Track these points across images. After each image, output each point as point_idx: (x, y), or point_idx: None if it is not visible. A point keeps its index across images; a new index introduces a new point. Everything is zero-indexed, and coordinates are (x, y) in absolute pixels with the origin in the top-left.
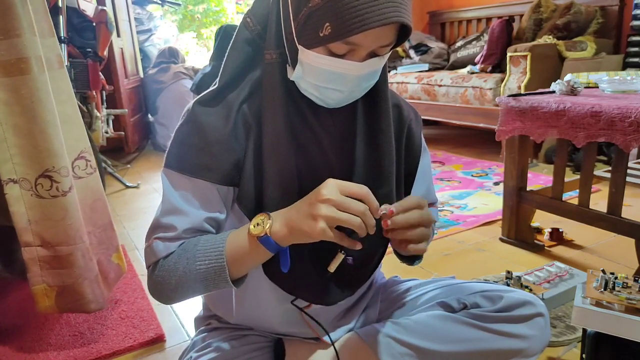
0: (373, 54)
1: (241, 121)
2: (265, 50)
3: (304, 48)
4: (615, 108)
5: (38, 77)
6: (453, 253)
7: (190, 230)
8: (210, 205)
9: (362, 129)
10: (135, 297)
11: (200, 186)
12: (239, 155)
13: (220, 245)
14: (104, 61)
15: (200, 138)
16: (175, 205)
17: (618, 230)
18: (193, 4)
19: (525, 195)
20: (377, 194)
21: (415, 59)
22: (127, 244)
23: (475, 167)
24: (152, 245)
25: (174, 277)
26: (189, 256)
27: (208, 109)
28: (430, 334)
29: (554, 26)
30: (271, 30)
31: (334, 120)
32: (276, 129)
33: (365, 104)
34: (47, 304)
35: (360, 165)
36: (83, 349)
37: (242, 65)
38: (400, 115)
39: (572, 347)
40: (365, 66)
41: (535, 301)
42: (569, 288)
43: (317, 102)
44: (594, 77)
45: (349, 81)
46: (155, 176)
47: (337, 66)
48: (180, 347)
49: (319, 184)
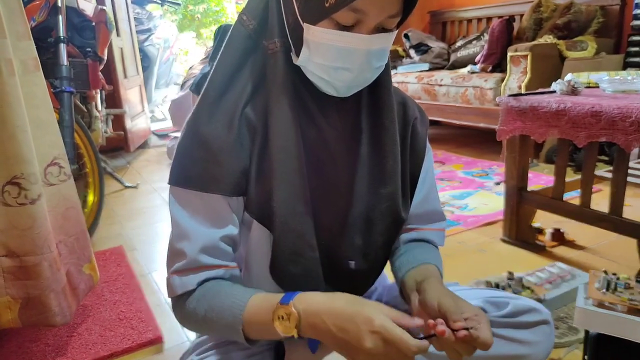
0: (381, 28)
1: (245, 126)
2: (268, 40)
3: (310, 25)
4: (616, 108)
5: (7, 80)
6: (454, 254)
7: (205, 252)
8: (222, 221)
9: (366, 125)
10: (134, 298)
11: (210, 201)
12: (245, 162)
13: (238, 311)
14: (104, 61)
15: (204, 150)
16: (184, 228)
17: (619, 230)
18: (193, 4)
19: (526, 195)
20: (381, 194)
21: (416, 58)
22: (126, 244)
23: (476, 167)
24: (170, 281)
25: (193, 320)
26: (206, 307)
27: (208, 117)
28: None
29: (554, 26)
30: (272, 19)
31: (340, 116)
32: (284, 127)
33: (369, 99)
34: (9, 318)
35: (364, 163)
36: (81, 350)
37: (238, 62)
38: (406, 113)
39: (573, 348)
40: (374, 40)
41: (541, 308)
42: (570, 289)
43: (325, 89)
44: (595, 76)
45: (358, 57)
46: (155, 176)
47: (346, 40)
48: (178, 349)
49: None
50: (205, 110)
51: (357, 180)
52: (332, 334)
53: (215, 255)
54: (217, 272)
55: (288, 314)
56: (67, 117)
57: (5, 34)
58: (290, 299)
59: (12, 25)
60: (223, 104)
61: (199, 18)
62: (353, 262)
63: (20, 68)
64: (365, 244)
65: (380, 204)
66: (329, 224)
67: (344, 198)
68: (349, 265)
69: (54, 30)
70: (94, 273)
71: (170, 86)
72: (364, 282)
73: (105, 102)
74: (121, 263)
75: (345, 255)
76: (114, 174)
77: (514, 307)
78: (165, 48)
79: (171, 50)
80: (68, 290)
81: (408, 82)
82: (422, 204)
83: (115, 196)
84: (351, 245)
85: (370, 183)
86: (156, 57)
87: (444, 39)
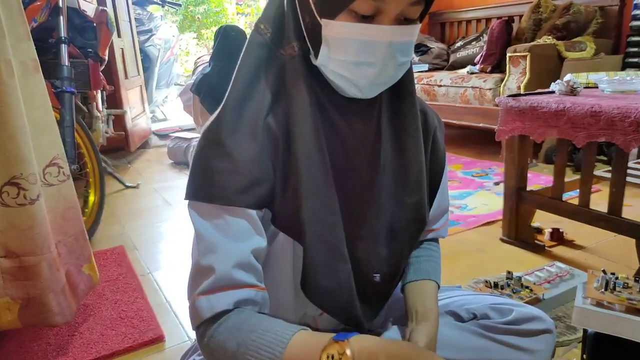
0: (404, 19)
1: (267, 136)
2: (286, 47)
3: (328, 20)
4: (615, 108)
5: (7, 81)
6: (453, 253)
7: (239, 267)
8: (250, 234)
9: (387, 131)
10: (135, 297)
11: (237, 214)
12: (270, 173)
13: (279, 349)
14: (105, 61)
15: (228, 160)
16: (211, 242)
17: (618, 230)
18: (193, 5)
19: (525, 195)
20: (406, 203)
21: (415, 59)
22: (127, 245)
23: (475, 167)
24: (196, 305)
25: (222, 354)
26: (239, 341)
27: (231, 128)
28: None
29: (553, 26)
30: (289, 23)
31: (362, 122)
32: (308, 133)
33: (392, 105)
34: (9, 319)
35: (387, 171)
36: (82, 349)
37: (256, 71)
38: (426, 121)
39: (572, 347)
40: (396, 31)
41: (544, 317)
42: (569, 288)
43: (347, 89)
44: (594, 77)
45: (380, 50)
46: (156, 176)
47: (366, 32)
48: (179, 348)
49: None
50: (228, 120)
51: (381, 189)
52: None
53: (249, 271)
54: (250, 293)
55: (341, 353)
56: (68, 117)
57: (5, 34)
58: (345, 337)
59: (12, 26)
60: (245, 114)
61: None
62: (378, 274)
63: (19, 69)
64: (390, 254)
65: (405, 213)
66: (353, 235)
67: (368, 208)
68: (374, 279)
69: (55, 30)
70: (94, 273)
71: (170, 87)
72: (387, 292)
73: (106, 102)
74: (122, 263)
75: (371, 267)
76: (114, 174)
77: (517, 315)
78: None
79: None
80: (68, 290)
81: None
82: (438, 206)
83: (116, 196)
84: (377, 257)
85: (394, 192)
86: (157, 57)
87: (443, 40)
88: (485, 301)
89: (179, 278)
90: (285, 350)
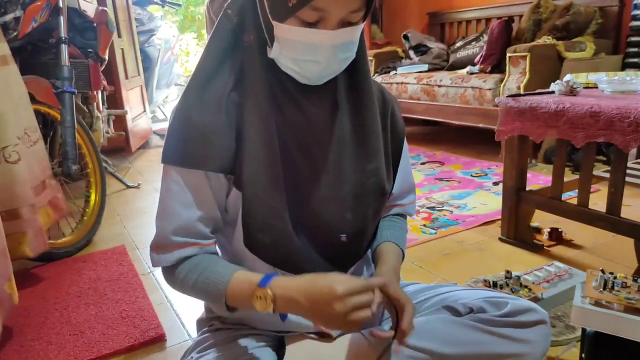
0: (346, 22)
1: (232, 107)
2: (246, 34)
3: (278, 23)
4: (614, 108)
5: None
6: (452, 253)
7: (177, 233)
8: (204, 203)
9: (347, 105)
10: (136, 297)
11: (195, 182)
12: (232, 141)
13: (222, 287)
14: (105, 61)
15: (195, 131)
16: (164, 207)
17: (617, 230)
18: (194, 5)
19: (524, 195)
20: (367, 170)
21: (415, 59)
22: (128, 244)
23: (475, 167)
24: (151, 255)
25: (181, 287)
26: (194, 281)
27: (198, 101)
28: (435, 336)
29: (553, 26)
30: (248, 14)
31: (321, 97)
32: (257, 110)
33: (346, 82)
34: None
35: (347, 142)
36: (83, 348)
37: (223, 54)
38: (384, 97)
39: (571, 346)
40: (338, 35)
41: (538, 309)
42: (568, 288)
43: (298, 78)
44: (593, 77)
45: (324, 51)
46: (156, 176)
47: (310, 36)
48: (180, 347)
49: (312, 162)
50: (194, 95)
51: (343, 159)
52: (306, 309)
53: (189, 235)
54: (193, 250)
55: (265, 295)
56: (68, 118)
57: None
58: (267, 282)
59: None
60: (210, 90)
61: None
62: (344, 235)
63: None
64: (356, 218)
65: (367, 179)
66: (321, 201)
67: (332, 176)
68: (340, 239)
69: (56, 31)
70: (14, 293)
71: (171, 87)
72: (356, 254)
73: (106, 102)
74: (123, 262)
75: (338, 229)
76: (115, 173)
77: (512, 307)
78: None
79: (172, 51)
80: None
81: (407, 83)
82: (402, 183)
83: (117, 196)
84: (342, 220)
85: (356, 161)
86: (157, 57)
87: (443, 40)
88: (480, 295)
89: None
90: (227, 288)
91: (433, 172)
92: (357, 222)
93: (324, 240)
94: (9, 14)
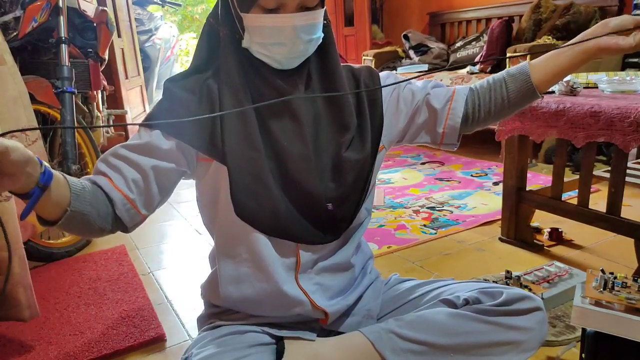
0: (304, 7)
1: (206, 92)
2: (221, 27)
3: (245, 13)
4: (614, 108)
5: None
6: (452, 253)
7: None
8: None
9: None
10: (136, 297)
11: (155, 138)
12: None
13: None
14: (105, 61)
15: (170, 103)
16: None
17: (617, 230)
18: (192, 5)
19: (524, 195)
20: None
21: (415, 59)
22: (128, 244)
23: (475, 167)
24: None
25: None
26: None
27: (178, 82)
28: (433, 328)
29: (553, 26)
30: (222, 11)
31: (294, 80)
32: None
33: (318, 68)
34: None
35: (323, 118)
36: (83, 348)
37: (207, 55)
38: (353, 74)
39: (571, 346)
40: (297, 17)
41: (533, 296)
42: (568, 288)
43: (271, 63)
44: (594, 77)
45: (287, 32)
46: None
47: (272, 20)
48: (180, 347)
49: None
50: (180, 79)
51: (320, 133)
52: None
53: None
54: (105, 182)
55: None
56: (68, 118)
57: None
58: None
59: None
60: (190, 79)
61: (198, 19)
62: (330, 204)
63: None
64: (337, 186)
65: (342, 152)
66: (300, 171)
67: (310, 149)
68: (327, 207)
69: (55, 30)
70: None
71: None
72: (345, 218)
73: (106, 102)
74: (123, 262)
75: (323, 198)
76: None
77: (507, 296)
78: (166, 49)
79: (172, 50)
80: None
81: None
82: (440, 99)
83: None
84: (325, 189)
85: (332, 136)
86: (157, 57)
87: (444, 40)
88: (475, 287)
89: (180, 277)
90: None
91: (433, 172)
92: (340, 190)
93: (311, 208)
94: (9, 13)
